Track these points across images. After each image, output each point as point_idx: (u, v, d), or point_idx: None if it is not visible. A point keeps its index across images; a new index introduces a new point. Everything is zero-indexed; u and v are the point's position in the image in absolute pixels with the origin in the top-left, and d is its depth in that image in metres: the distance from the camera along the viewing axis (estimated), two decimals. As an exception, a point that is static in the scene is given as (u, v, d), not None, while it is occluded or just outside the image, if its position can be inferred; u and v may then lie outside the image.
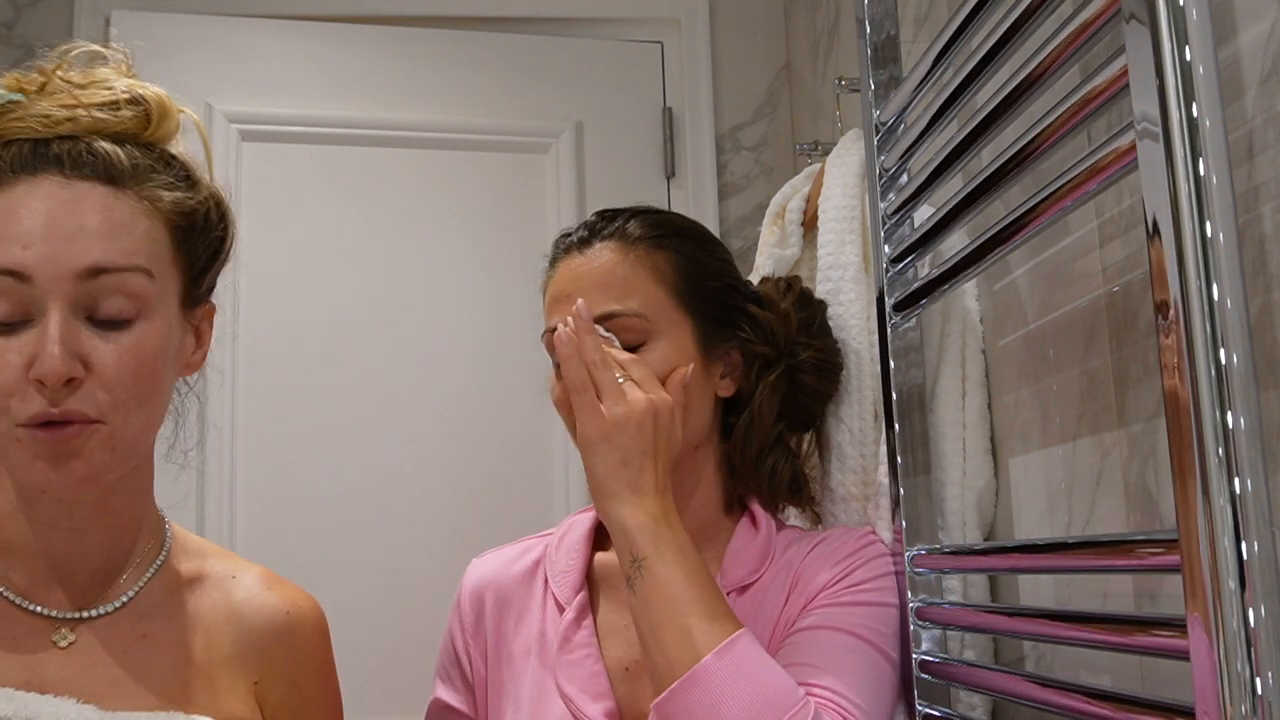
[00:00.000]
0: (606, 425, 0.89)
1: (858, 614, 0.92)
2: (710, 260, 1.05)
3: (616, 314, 0.97)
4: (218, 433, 1.92)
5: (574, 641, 0.97)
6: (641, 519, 0.87)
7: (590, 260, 1.00)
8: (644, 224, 1.02)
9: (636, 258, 1.00)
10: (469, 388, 2.00)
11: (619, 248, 1.00)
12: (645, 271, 0.99)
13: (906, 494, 1.13)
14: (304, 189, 2.03)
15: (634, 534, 0.87)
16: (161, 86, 0.85)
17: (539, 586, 1.04)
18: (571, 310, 0.96)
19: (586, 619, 0.99)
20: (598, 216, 1.04)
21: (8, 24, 2.02)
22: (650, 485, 0.88)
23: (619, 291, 0.98)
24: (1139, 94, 0.66)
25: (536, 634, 1.00)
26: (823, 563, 0.96)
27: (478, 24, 2.18)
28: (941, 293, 1.07)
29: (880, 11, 1.22)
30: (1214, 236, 0.61)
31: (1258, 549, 0.59)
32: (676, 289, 1.00)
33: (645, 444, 0.89)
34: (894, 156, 1.15)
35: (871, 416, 1.25)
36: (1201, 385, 0.60)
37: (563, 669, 0.96)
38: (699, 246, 1.05)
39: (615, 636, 0.98)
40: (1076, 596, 1.02)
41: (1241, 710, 0.58)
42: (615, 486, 0.88)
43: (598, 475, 0.89)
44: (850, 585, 0.94)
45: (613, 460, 0.88)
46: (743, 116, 2.22)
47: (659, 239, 1.02)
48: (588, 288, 0.98)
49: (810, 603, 0.93)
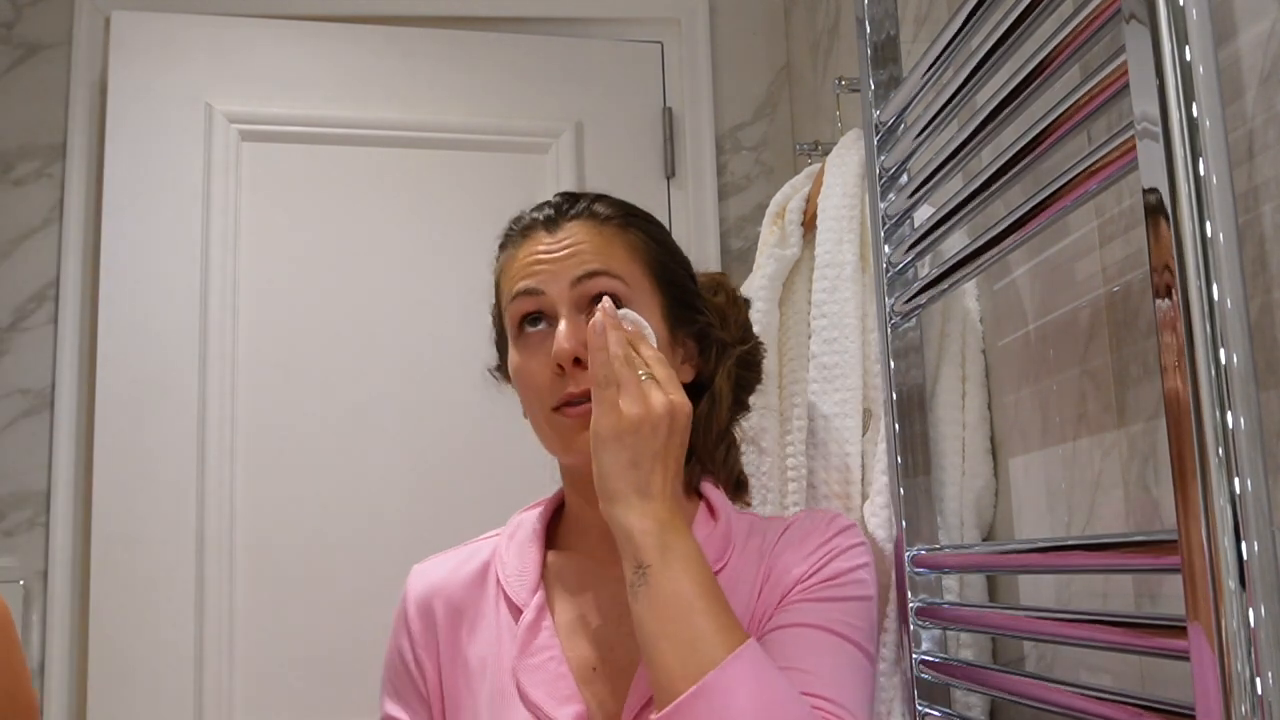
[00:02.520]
0: (622, 424, 0.86)
1: (838, 610, 0.90)
2: (673, 244, 1.04)
3: (598, 271, 0.95)
4: (218, 432, 1.92)
5: (535, 644, 0.94)
6: (648, 524, 0.84)
7: (560, 237, 0.97)
8: (610, 205, 1.00)
9: (610, 233, 0.98)
10: (469, 387, 1.99)
11: (590, 225, 0.98)
12: (619, 245, 0.97)
13: (906, 494, 1.13)
14: (304, 189, 2.03)
15: (639, 539, 0.84)
16: (161, 86, 0.86)
17: (491, 590, 1.00)
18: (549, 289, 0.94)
19: (545, 619, 0.96)
20: (560, 198, 1.01)
21: (8, 24, 2.02)
22: (658, 490, 0.86)
23: (596, 257, 0.96)
24: (1139, 94, 0.66)
25: (492, 640, 0.97)
26: (796, 552, 0.94)
27: (478, 24, 2.17)
28: (941, 293, 1.07)
29: (880, 11, 1.22)
30: (1214, 236, 0.61)
31: (1258, 549, 0.59)
32: (648, 265, 0.98)
33: (658, 447, 0.86)
34: (894, 156, 1.15)
35: (858, 415, 1.25)
36: (1201, 385, 0.60)
37: (525, 674, 0.93)
38: (662, 230, 1.03)
39: (576, 636, 0.96)
40: (1076, 596, 1.02)
41: (1241, 710, 0.58)
42: (622, 488, 0.85)
43: (606, 474, 0.86)
44: (827, 580, 0.92)
45: (623, 460, 0.86)
46: (743, 116, 2.22)
47: (628, 218, 1.00)
48: (562, 259, 0.96)
49: (786, 595, 0.91)
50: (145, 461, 1.89)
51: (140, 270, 1.94)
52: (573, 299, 0.94)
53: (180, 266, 1.95)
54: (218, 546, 1.89)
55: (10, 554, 1.88)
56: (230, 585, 1.89)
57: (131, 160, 1.96)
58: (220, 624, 1.87)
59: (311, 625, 1.89)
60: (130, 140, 1.96)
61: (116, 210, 1.94)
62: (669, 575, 0.82)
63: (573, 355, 0.92)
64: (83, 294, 1.96)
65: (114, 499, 1.87)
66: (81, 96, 2.00)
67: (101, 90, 2.01)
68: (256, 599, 1.90)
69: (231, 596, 1.88)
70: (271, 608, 1.90)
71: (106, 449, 1.89)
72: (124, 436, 1.89)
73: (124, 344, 1.91)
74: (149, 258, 1.95)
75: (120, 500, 1.87)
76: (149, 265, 1.94)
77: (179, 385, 1.92)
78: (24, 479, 1.90)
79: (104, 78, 2.00)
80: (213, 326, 1.95)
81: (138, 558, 1.85)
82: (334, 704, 1.84)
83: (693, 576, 0.83)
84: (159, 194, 1.96)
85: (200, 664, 1.85)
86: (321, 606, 1.90)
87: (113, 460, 1.88)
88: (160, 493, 1.89)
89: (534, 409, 0.97)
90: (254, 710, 1.87)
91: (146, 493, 1.88)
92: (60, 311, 1.95)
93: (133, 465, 1.88)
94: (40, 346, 1.94)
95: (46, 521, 1.89)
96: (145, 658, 1.83)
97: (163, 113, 1.97)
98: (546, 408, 0.95)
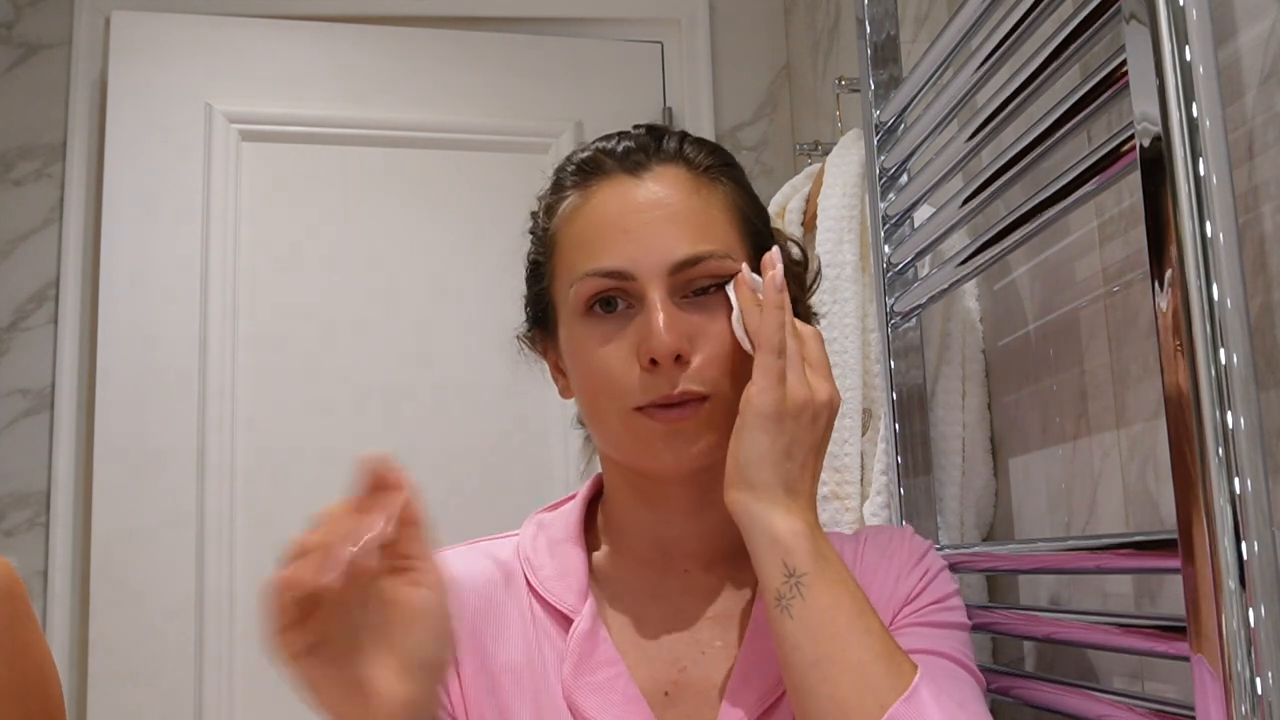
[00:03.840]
0: (785, 405, 0.73)
1: (955, 640, 0.79)
2: (754, 193, 0.87)
3: (707, 255, 0.77)
4: (218, 431, 1.92)
5: (594, 659, 0.78)
6: (799, 525, 0.72)
7: (651, 188, 0.79)
8: (703, 148, 0.83)
9: (708, 190, 0.80)
10: (469, 387, 2.00)
11: (686, 175, 0.80)
12: (719, 207, 0.81)
13: (906, 494, 1.13)
14: (304, 189, 2.03)
15: (790, 542, 0.71)
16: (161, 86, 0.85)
17: (520, 593, 0.84)
18: (640, 272, 0.76)
19: (602, 631, 0.80)
20: (645, 131, 0.83)
21: (8, 24, 2.02)
22: (807, 490, 0.74)
23: (700, 229, 0.78)
24: (1139, 94, 0.66)
25: (527, 649, 0.80)
26: (890, 569, 0.81)
27: (478, 24, 2.17)
28: (941, 293, 1.07)
29: (880, 11, 1.22)
30: (1214, 236, 0.61)
31: (1258, 549, 0.59)
32: (743, 228, 0.82)
33: (815, 441, 0.74)
34: (894, 156, 1.15)
35: (858, 415, 1.25)
36: (1202, 385, 0.60)
37: (584, 694, 0.77)
38: (743, 174, 0.86)
39: (639, 652, 0.80)
40: (1076, 596, 1.02)
41: (1241, 710, 0.58)
42: (770, 480, 0.72)
43: (754, 460, 0.73)
44: (934, 603, 0.80)
45: (779, 446, 0.73)
46: (743, 116, 2.22)
47: (723, 167, 0.83)
48: (659, 220, 0.78)
49: (897, 615, 0.80)
50: (145, 461, 1.89)
51: (140, 270, 1.94)
52: (671, 286, 0.77)
53: (180, 266, 1.95)
54: (217, 546, 1.89)
55: (10, 554, 1.86)
56: (230, 585, 1.89)
57: (131, 160, 1.96)
58: (220, 624, 1.87)
59: (311, 625, 1.89)
60: (130, 140, 1.96)
61: (116, 210, 1.94)
62: (827, 589, 0.70)
63: (675, 352, 0.75)
64: (83, 294, 1.96)
65: (114, 499, 1.87)
66: (81, 96, 2.00)
67: (101, 90, 2.01)
68: (256, 599, 1.89)
69: (232, 596, 1.88)
70: (271, 608, 1.89)
71: (106, 449, 1.88)
72: (124, 436, 1.89)
73: (124, 344, 1.91)
74: (149, 258, 1.95)
75: (120, 500, 1.87)
76: (149, 265, 1.94)
77: (179, 385, 1.92)
78: (24, 479, 1.90)
79: (104, 78, 2.00)
80: (212, 326, 1.95)
81: (138, 557, 1.85)
82: (334, 704, 1.84)
83: (850, 590, 0.71)
84: (159, 194, 1.96)
85: (200, 664, 1.85)
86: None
87: (113, 460, 1.88)
88: (160, 493, 1.89)
89: (606, 405, 0.79)
90: (254, 710, 1.87)
91: (146, 493, 1.88)
92: (60, 311, 1.95)
93: (133, 465, 1.88)
94: (40, 346, 1.94)
95: (46, 521, 1.89)
96: (145, 658, 1.83)
97: (163, 113, 1.97)
98: (627, 407, 0.77)
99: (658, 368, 0.76)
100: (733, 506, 0.74)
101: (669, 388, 0.76)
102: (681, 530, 0.83)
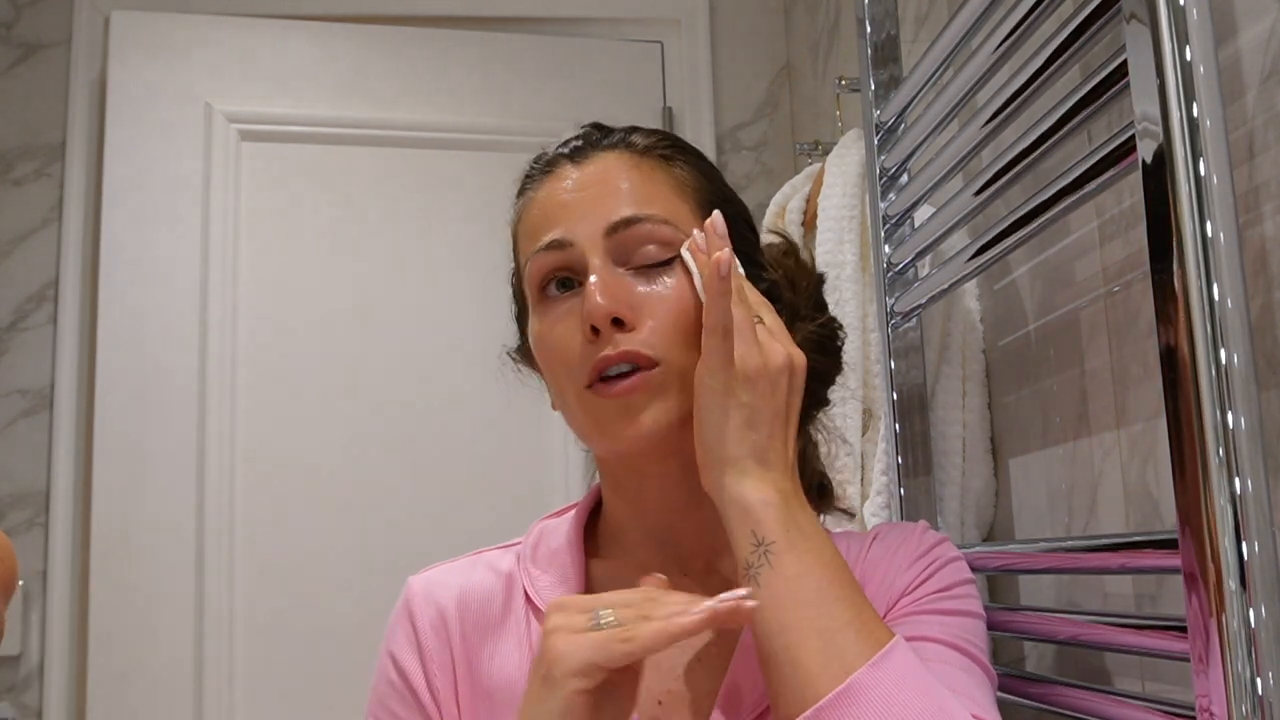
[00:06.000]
0: (734, 377, 0.71)
1: (958, 626, 0.76)
2: (724, 182, 0.86)
3: (645, 218, 0.76)
4: (218, 431, 1.92)
5: None
6: (769, 494, 0.70)
7: (589, 169, 0.80)
8: (650, 136, 0.83)
9: (650, 167, 0.80)
10: (468, 387, 2.00)
11: (627, 157, 0.80)
12: (663, 182, 0.79)
13: (906, 494, 1.13)
14: (304, 189, 2.03)
15: (760, 511, 0.70)
16: (161, 86, 0.85)
17: (517, 605, 0.83)
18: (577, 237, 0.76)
19: None
20: (591, 128, 0.84)
21: (8, 24, 2.02)
22: (779, 457, 0.72)
23: (641, 197, 0.77)
24: (1139, 94, 0.66)
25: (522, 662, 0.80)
26: (893, 564, 0.79)
27: (478, 24, 2.18)
28: (941, 293, 1.07)
29: (880, 11, 1.22)
30: (1214, 236, 0.61)
31: (1258, 549, 0.59)
32: (701, 207, 0.80)
33: (779, 406, 0.72)
34: (894, 156, 1.16)
35: (859, 416, 1.25)
36: (1202, 385, 0.60)
37: None
38: (711, 166, 0.85)
39: None
40: (1076, 596, 1.02)
41: (1242, 710, 0.58)
42: (736, 453, 0.71)
43: (716, 438, 0.72)
44: (939, 591, 0.78)
45: (737, 420, 0.71)
46: (743, 116, 2.22)
47: (672, 148, 0.82)
48: (596, 193, 0.78)
49: (893, 608, 0.78)
50: (145, 461, 1.89)
51: (140, 270, 1.94)
52: (607, 249, 0.76)
53: (180, 266, 1.95)
54: (217, 546, 1.89)
55: (10, 554, 1.88)
56: (230, 585, 1.88)
57: (131, 160, 1.96)
58: (219, 623, 1.87)
59: (311, 624, 1.89)
60: (130, 140, 1.96)
61: (116, 210, 1.94)
62: (797, 555, 0.68)
63: (610, 315, 0.74)
64: (82, 294, 1.96)
65: (114, 499, 1.87)
66: (81, 96, 2.00)
67: (101, 90, 2.00)
68: (256, 599, 1.89)
69: (231, 596, 1.88)
70: (271, 607, 1.89)
71: (106, 449, 1.88)
72: (124, 436, 1.89)
73: (124, 344, 1.91)
74: (149, 258, 1.94)
75: (120, 500, 1.87)
76: (149, 265, 1.94)
77: (179, 385, 1.92)
78: (23, 479, 1.90)
79: (104, 77, 2.00)
80: (212, 326, 1.95)
81: (137, 558, 1.85)
82: (334, 703, 1.84)
83: (824, 559, 0.69)
84: (159, 194, 1.96)
85: (200, 664, 1.85)
86: (321, 606, 1.90)
87: (112, 460, 1.88)
88: (160, 493, 1.88)
89: (564, 388, 0.78)
90: (253, 710, 1.87)
91: (146, 493, 1.88)
92: (60, 311, 1.95)
93: (132, 465, 1.88)
94: (40, 346, 1.94)
95: (46, 521, 1.89)
96: (145, 658, 1.83)
97: (162, 112, 1.97)
98: (579, 385, 0.76)
99: (599, 336, 0.74)
100: (709, 489, 0.73)
101: (612, 349, 0.74)
102: (676, 529, 0.81)
